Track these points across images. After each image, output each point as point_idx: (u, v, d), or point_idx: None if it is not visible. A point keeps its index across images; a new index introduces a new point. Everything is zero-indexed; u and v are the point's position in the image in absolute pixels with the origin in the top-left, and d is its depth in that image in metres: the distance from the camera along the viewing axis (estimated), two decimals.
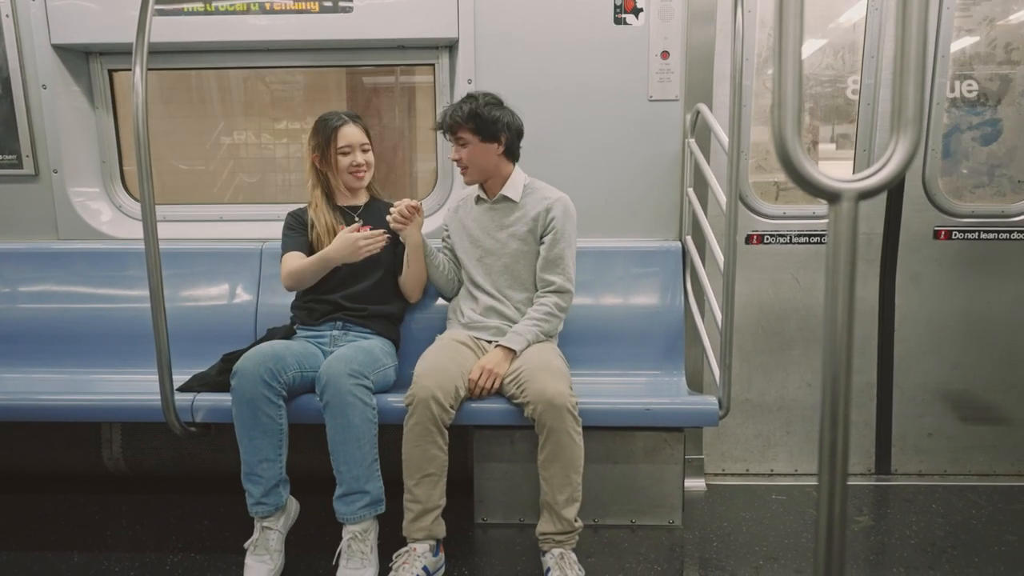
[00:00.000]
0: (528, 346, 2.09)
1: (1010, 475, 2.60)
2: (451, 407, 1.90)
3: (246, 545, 1.93)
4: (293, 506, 2.05)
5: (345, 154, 2.21)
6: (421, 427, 1.86)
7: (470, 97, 2.12)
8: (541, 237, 2.17)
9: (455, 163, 2.18)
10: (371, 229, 2.21)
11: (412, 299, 2.33)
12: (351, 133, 2.21)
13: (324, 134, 2.20)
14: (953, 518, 2.28)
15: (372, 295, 2.24)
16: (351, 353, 1.98)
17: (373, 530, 1.92)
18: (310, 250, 2.21)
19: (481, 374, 2.00)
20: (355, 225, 2.17)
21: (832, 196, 0.82)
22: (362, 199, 2.33)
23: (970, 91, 2.49)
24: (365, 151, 2.25)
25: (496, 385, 2.01)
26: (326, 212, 2.24)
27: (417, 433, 1.87)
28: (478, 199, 2.26)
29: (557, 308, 2.15)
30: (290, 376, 1.94)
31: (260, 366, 1.89)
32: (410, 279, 2.27)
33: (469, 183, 2.23)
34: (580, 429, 1.89)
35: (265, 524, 1.93)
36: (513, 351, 2.05)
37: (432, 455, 1.88)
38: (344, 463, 1.88)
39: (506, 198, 2.20)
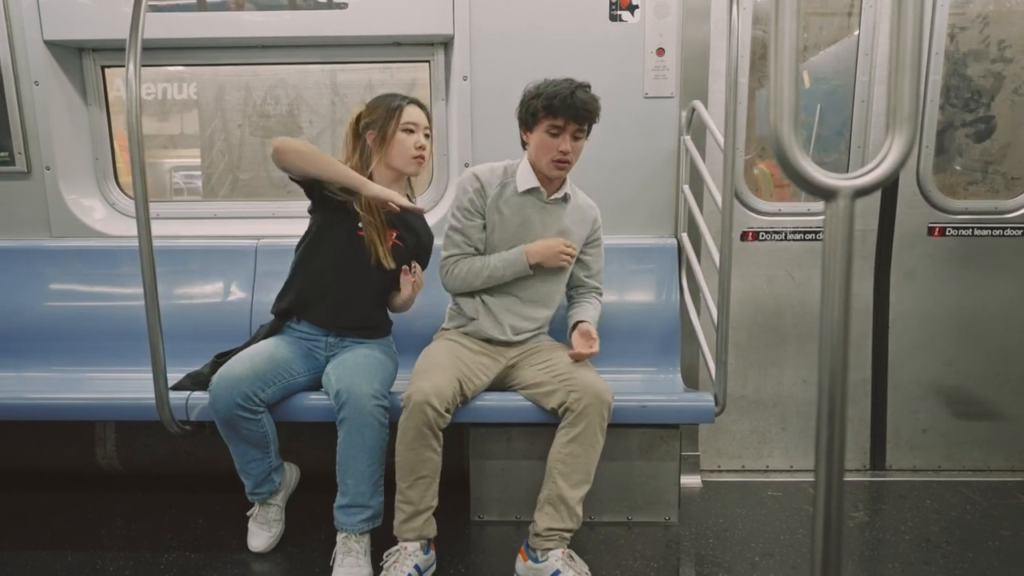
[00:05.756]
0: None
1: (1004, 470, 2.61)
2: (446, 411, 1.86)
3: (249, 513, 2.06)
4: (292, 475, 2.11)
5: (410, 132, 2.03)
6: (415, 430, 1.84)
7: (584, 86, 2.00)
8: (586, 246, 2.21)
9: (562, 155, 1.99)
10: (397, 236, 2.10)
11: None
12: (417, 114, 2.06)
13: (387, 109, 2.03)
14: (947, 513, 2.29)
15: (367, 310, 2.13)
16: (371, 368, 1.93)
17: (368, 535, 1.92)
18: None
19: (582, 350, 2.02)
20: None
21: (828, 194, 0.82)
22: (401, 190, 2.11)
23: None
24: (427, 136, 2.09)
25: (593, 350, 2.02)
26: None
27: (411, 436, 1.84)
28: (525, 192, 2.08)
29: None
30: (271, 392, 1.92)
31: (233, 391, 1.84)
32: (404, 306, 2.18)
33: (559, 178, 2.09)
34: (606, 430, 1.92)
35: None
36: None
37: (426, 458, 1.86)
38: (351, 476, 1.86)
39: (569, 197, 2.13)
